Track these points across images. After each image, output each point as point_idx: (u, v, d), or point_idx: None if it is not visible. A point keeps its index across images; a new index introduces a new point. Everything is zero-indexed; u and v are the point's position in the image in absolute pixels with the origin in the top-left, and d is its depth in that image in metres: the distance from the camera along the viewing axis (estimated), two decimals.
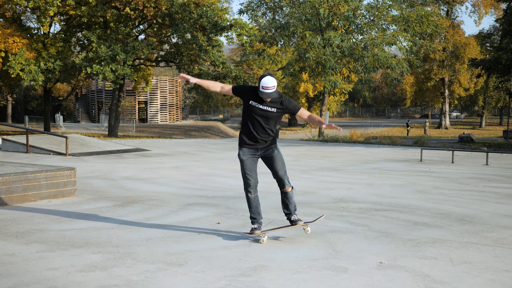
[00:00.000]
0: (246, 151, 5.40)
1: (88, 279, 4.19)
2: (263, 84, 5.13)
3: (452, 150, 15.29)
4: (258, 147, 5.40)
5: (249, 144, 5.39)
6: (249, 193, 5.44)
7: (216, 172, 11.70)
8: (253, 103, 5.29)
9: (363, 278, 4.31)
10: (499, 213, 7.10)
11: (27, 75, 25.13)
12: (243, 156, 5.40)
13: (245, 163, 5.40)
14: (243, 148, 5.42)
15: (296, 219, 5.60)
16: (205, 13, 26.66)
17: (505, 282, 4.26)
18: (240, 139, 5.45)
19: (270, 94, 5.15)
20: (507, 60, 29.63)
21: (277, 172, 5.46)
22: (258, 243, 5.38)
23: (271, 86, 5.13)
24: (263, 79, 5.15)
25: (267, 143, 5.43)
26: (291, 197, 5.56)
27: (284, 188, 5.52)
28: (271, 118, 5.32)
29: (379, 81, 40.23)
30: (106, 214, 6.82)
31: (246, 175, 5.41)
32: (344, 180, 10.41)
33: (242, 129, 5.46)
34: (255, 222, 5.49)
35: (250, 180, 5.41)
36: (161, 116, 52.91)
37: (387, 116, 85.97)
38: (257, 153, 5.42)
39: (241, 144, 5.44)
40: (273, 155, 5.44)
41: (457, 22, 53.21)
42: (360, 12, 30.09)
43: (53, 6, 24.75)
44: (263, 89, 5.14)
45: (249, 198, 5.46)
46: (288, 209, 5.59)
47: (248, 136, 5.38)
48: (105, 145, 17.33)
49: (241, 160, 5.41)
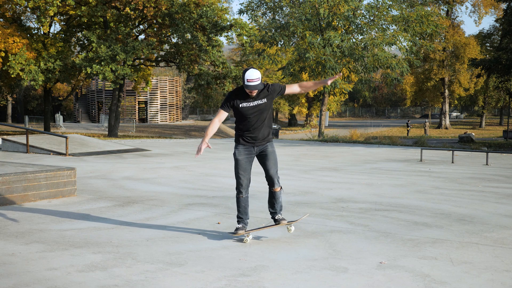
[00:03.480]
0: (242, 151, 5.37)
1: (88, 279, 4.19)
2: (248, 77, 5.07)
3: (452, 150, 15.28)
4: (255, 145, 5.37)
5: (247, 142, 5.37)
6: (240, 193, 5.42)
7: (216, 172, 11.70)
8: (244, 105, 5.24)
9: (363, 278, 4.31)
10: (499, 213, 7.10)
11: (27, 75, 25.13)
12: (238, 155, 5.37)
13: (240, 162, 5.36)
14: (239, 146, 5.39)
15: (280, 218, 5.59)
16: (205, 13, 26.65)
17: (505, 282, 4.26)
18: (237, 138, 5.42)
19: (256, 86, 5.10)
20: (507, 60, 29.60)
21: (269, 170, 5.42)
22: (258, 243, 5.38)
23: (255, 78, 5.08)
24: (246, 72, 5.09)
25: (266, 139, 5.39)
26: (278, 197, 5.53)
27: (273, 187, 5.48)
28: (265, 110, 5.31)
29: (379, 81, 40.21)
30: (106, 214, 6.82)
31: (239, 175, 5.38)
32: (344, 180, 10.41)
33: (239, 130, 5.40)
34: (241, 221, 5.48)
35: (243, 181, 5.39)
36: (161, 116, 52.90)
37: (387, 116, 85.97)
38: (253, 152, 5.39)
39: (238, 143, 5.41)
40: (267, 153, 5.41)
41: (457, 22, 53.19)
42: (360, 12, 30.08)
43: (53, 6, 24.75)
44: (248, 82, 5.08)
45: (239, 198, 5.45)
46: (274, 208, 5.56)
47: (247, 136, 5.35)
48: (105, 145, 17.33)
49: (236, 160, 5.39)
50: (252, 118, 5.29)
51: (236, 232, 5.41)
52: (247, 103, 5.25)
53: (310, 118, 59.31)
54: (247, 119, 5.30)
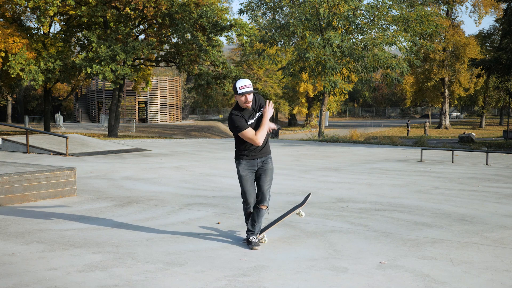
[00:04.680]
0: (246, 166, 5.24)
1: (88, 279, 4.19)
2: (240, 84, 5.05)
3: (452, 150, 15.28)
4: (258, 156, 5.26)
5: (252, 156, 5.25)
6: (248, 205, 5.33)
7: (216, 172, 11.70)
8: (251, 121, 5.18)
9: (363, 278, 4.31)
10: (499, 213, 7.10)
11: (27, 75, 25.12)
12: (242, 171, 5.24)
13: (245, 178, 5.24)
14: (242, 162, 5.25)
15: (254, 240, 5.29)
16: (205, 13, 26.65)
17: (505, 282, 4.26)
18: (239, 154, 5.27)
19: (249, 91, 5.06)
20: (507, 60, 29.60)
21: (264, 185, 5.27)
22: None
23: (247, 84, 5.07)
24: (237, 82, 5.09)
25: (267, 149, 5.33)
26: (262, 216, 5.32)
27: (261, 204, 5.27)
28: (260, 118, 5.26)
29: (379, 81, 40.23)
30: (106, 214, 6.82)
31: (246, 192, 5.26)
32: (344, 180, 10.41)
33: (242, 147, 5.25)
34: (252, 234, 5.29)
35: (250, 199, 5.28)
36: (161, 116, 52.89)
37: (387, 116, 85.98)
38: (256, 165, 5.27)
39: (240, 159, 5.26)
40: (267, 169, 5.29)
41: (457, 22, 53.19)
42: (360, 12, 30.08)
43: (53, 6, 24.74)
44: (241, 89, 5.05)
45: (247, 211, 5.38)
46: (253, 227, 5.30)
47: (249, 152, 5.24)
48: (105, 145, 17.33)
49: (241, 176, 5.25)
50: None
51: (252, 248, 5.21)
52: (252, 119, 5.20)
53: (310, 118, 59.33)
54: None
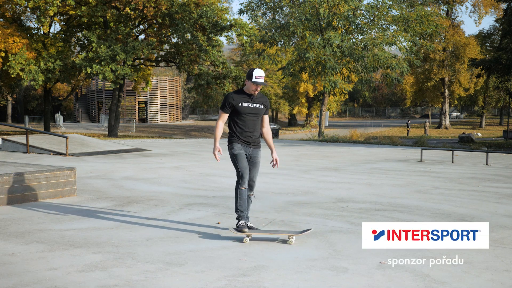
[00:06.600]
0: (240, 146, 5.51)
1: (88, 279, 4.19)
2: (257, 74, 5.40)
3: (452, 150, 15.29)
4: (250, 146, 5.55)
5: (243, 142, 5.51)
6: (244, 184, 5.49)
7: (216, 172, 11.70)
8: (243, 104, 5.47)
9: (363, 278, 4.31)
10: (499, 213, 7.10)
11: (27, 75, 25.11)
12: (238, 150, 5.49)
13: (242, 155, 5.49)
14: (235, 144, 5.51)
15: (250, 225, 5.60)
16: (205, 13, 26.64)
17: (505, 282, 4.26)
18: (232, 137, 5.54)
19: (263, 83, 5.40)
20: (507, 60, 29.59)
21: (253, 177, 5.62)
22: (258, 243, 5.37)
23: (262, 76, 5.42)
24: (255, 70, 5.42)
25: (258, 142, 5.60)
26: (250, 203, 5.68)
27: (250, 192, 5.65)
28: (259, 115, 5.57)
29: (379, 81, 40.23)
30: (106, 214, 6.82)
31: (245, 168, 5.48)
32: (344, 180, 10.41)
33: (232, 131, 5.54)
34: (242, 217, 5.52)
35: (249, 174, 5.52)
36: (161, 116, 52.88)
37: (387, 116, 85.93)
38: (247, 153, 5.55)
39: (232, 141, 5.53)
40: (256, 162, 5.61)
41: (457, 22, 53.16)
42: (360, 12, 30.08)
43: (53, 6, 24.73)
44: (256, 78, 5.39)
45: (241, 190, 5.50)
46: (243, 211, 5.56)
47: (242, 136, 5.50)
48: (105, 145, 17.32)
49: (236, 154, 5.48)
50: (249, 118, 5.49)
51: (241, 230, 5.41)
52: (246, 103, 5.50)
53: (310, 118, 59.28)
54: (244, 118, 5.48)
